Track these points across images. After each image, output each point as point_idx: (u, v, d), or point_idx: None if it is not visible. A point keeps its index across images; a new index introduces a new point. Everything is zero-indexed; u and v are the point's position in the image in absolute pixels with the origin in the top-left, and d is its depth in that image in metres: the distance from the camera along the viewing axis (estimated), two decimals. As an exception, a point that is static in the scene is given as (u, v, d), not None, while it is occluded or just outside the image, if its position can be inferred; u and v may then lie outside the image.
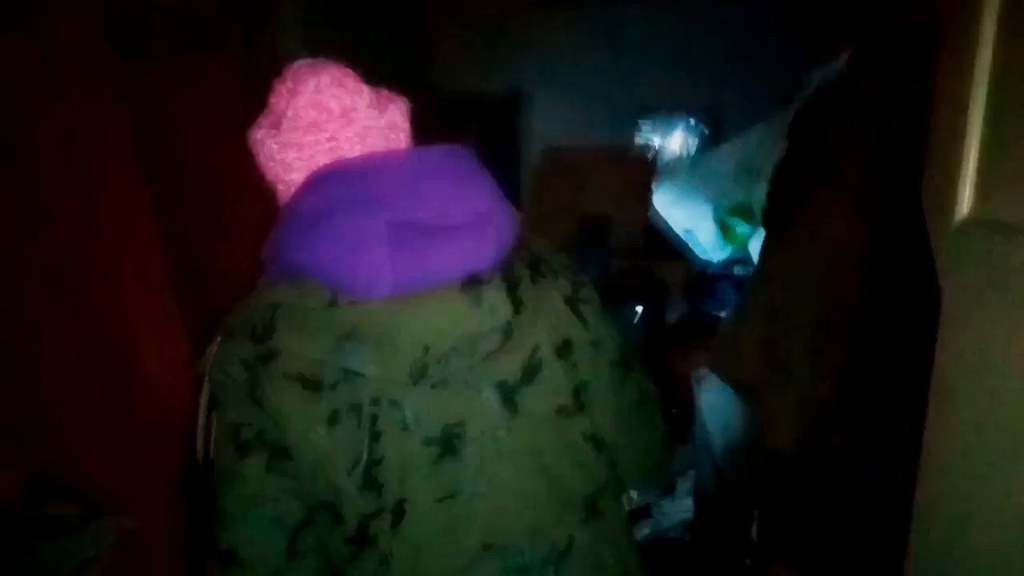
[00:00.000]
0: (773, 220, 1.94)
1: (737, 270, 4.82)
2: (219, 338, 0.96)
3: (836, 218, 1.69)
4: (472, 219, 0.95)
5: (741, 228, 2.16)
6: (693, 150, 5.09)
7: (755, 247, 2.17)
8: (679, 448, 3.20)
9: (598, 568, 1.04)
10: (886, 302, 1.69)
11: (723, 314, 4.40)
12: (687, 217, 2.18)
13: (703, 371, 2.01)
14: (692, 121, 5.04)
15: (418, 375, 0.93)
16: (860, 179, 1.66)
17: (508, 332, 0.97)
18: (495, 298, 0.95)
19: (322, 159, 0.96)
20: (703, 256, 2.26)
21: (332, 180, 0.94)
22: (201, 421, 0.97)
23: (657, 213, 4.80)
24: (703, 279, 4.64)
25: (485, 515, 0.96)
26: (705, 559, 2.37)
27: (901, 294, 1.68)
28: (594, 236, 4.75)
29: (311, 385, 0.91)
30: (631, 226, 4.73)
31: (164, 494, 1.92)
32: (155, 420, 1.90)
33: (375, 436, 0.92)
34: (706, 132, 4.98)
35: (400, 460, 0.93)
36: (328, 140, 0.96)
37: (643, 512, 3.11)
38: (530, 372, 0.98)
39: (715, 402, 1.97)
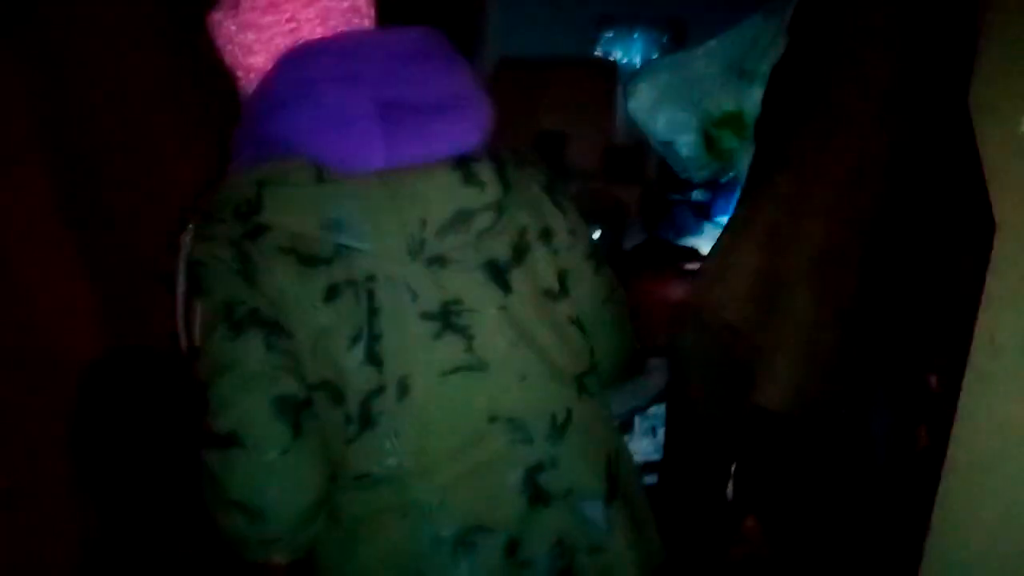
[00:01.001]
0: (770, 131, 1.60)
1: (696, 195, 4.52)
2: (195, 222, 0.92)
3: (857, 123, 1.36)
4: (456, 101, 0.95)
5: (729, 141, 1.82)
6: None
7: (743, 163, 1.83)
8: (640, 382, 2.92)
9: (595, 441, 1.02)
10: (911, 225, 1.38)
11: (683, 240, 4.14)
12: (667, 127, 1.82)
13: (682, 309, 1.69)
14: (655, 33, 4.66)
15: (415, 250, 0.92)
16: (888, 79, 1.33)
17: (500, 211, 0.96)
18: (487, 175, 0.95)
19: (281, 41, 0.95)
20: (683, 173, 1.91)
21: (311, 57, 0.92)
22: (180, 310, 0.92)
23: (625, 125, 4.46)
24: (661, 204, 4.33)
25: (487, 389, 0.95)
26: (673, 509, 2.11)
27: (930, 216, 1.37)
28: (550, 154, 4.39)
29: (306, 260, 0.89)
30: (589, 145, 4.39)
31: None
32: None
33: (373, 311, 0.90)
34: (670, 45, 4.61)
35: (400, 335, 0.91)
36: (288, 21, 0.94)
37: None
38: (519, 253, 0.98)
39: (695, 345, 1.66)
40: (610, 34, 4.68)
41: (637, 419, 2.85)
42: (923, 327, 1.36)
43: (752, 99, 1.70)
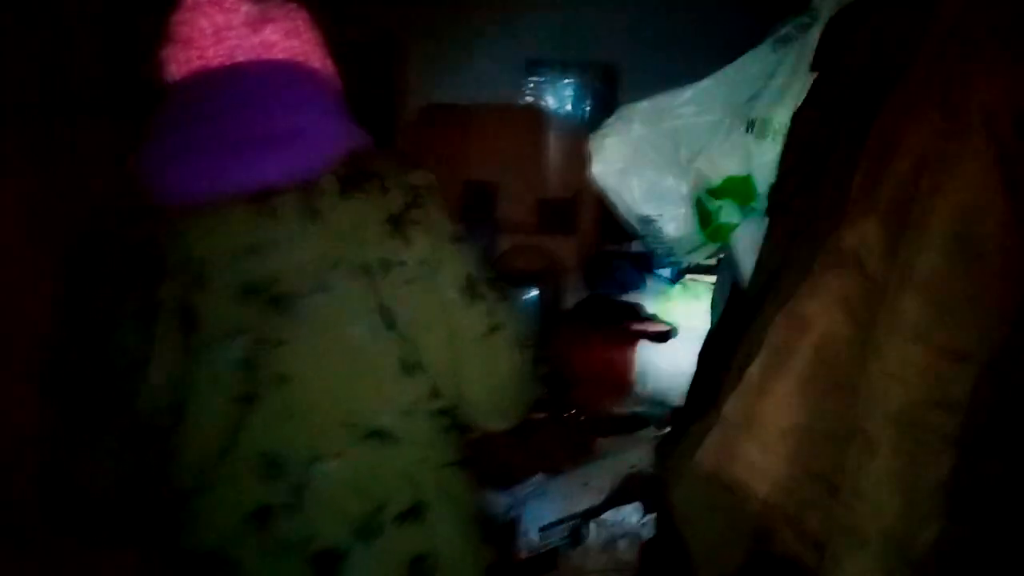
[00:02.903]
0: (800, 201, 1.06)
1: (635, 247, 4.04)
2: None
3: (962, 177, 0.84)
4: (280, 132, 0.94)
5: (730, 214, 1.27)
6: (588, 111, 4.24)
7: (746, 243, 1.28)
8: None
9: (369, 491, 0.96)
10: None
11: (626, 296, 3.63)
12: (646, 197, 1.26)
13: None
14: (586, 78, 4.20)
15: (200, 282, 0.92)
16: (1011, 104, 0.80)
17: (299, 242, 0.94)
18: (287, 208, 0.93)
19: (220, 62, 0.97)
20: (668, 257, 1.35)
21: (169, 99, 0.97)
22: None
23: (559, 174, 3.95)
24: (601, 258, 3.83)
25: (257, 421, 0.93)
26: None
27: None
28: (479, 206, 3.85)
29: (118, 283, 0.93)
30: (520, 196, 3.89)
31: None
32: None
33: (163, 336, 0.92)
34: (603, 91, 4.15)
35: (183, 360, 0.92)
36: (198, 58, 0.97)
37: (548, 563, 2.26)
38: (322, 285, 0.94)
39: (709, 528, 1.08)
40: (539, 79, 4.20)
41: (593, 526, 2.27)
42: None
43: (765, 158, 1.16)
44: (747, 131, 1.18)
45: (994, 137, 0.84)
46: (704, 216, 1.27)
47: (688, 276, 3.47)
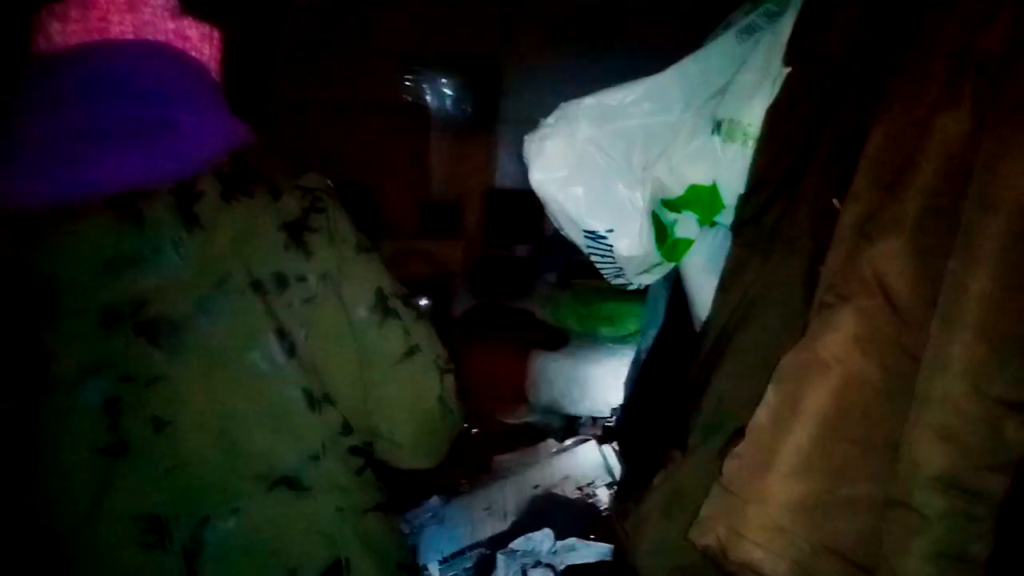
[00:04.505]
0: (766, 212, 0.90)
1: (520, 250, 3.87)
2: None
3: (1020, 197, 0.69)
4: (148, 126, 0.80)
5: (686, 229, 1.08)
6: (470, 110, 4.03)
7: (698, 260, 1.10)
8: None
9: (278, 553, 0.82)
10: None
11: (514, 301, 3.44)
12: (593, 209, 1.06)
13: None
14: (465, 75, 3.99)
15: (47, 309, 0.76)
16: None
17: (173, 255, 0.79)
18: (156, 214, 0.78)
19: (81, 39, 0.81)
20: (616, 277, 1.15)
21: (26, 77, 0.81)
22: None
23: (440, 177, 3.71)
24: (488, 263, 3.64)
25: (129, 478, 0.77)
26: None
27: None
28: (356, 210, 3.56)
29: None
30: (402, 198, 3.64)
31: None
32: None
33: (19, 383, 0.76)
34: (482, 89, 3.95)
35: (34, 405, 0.77)
36: (98, 20, 0.81)
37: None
38: (205, 307, 0.79)
39: None
40: (417, 74, 3.95)
41: (501, 558, 2.06)
42: None
43: (733, 165, 0.98)
44: (713, 133, 1.00)
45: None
46: (660, 231, 1.08)
47: (576, 280, 3.32)
